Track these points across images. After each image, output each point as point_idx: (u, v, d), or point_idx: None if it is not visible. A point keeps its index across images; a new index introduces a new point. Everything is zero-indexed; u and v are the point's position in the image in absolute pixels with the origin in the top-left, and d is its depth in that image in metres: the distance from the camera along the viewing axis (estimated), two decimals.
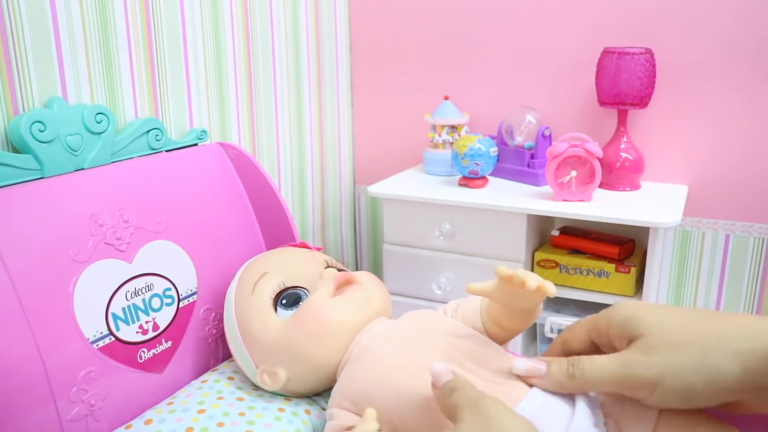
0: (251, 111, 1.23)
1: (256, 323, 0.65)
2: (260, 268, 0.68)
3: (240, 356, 0.68)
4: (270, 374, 0.65)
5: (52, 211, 0.69)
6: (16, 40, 0.76)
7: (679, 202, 1.22)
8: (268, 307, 0.65)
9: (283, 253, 0.72)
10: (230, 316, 0.69)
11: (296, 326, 0.63)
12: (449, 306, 0.66)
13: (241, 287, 0.69)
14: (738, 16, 1.23)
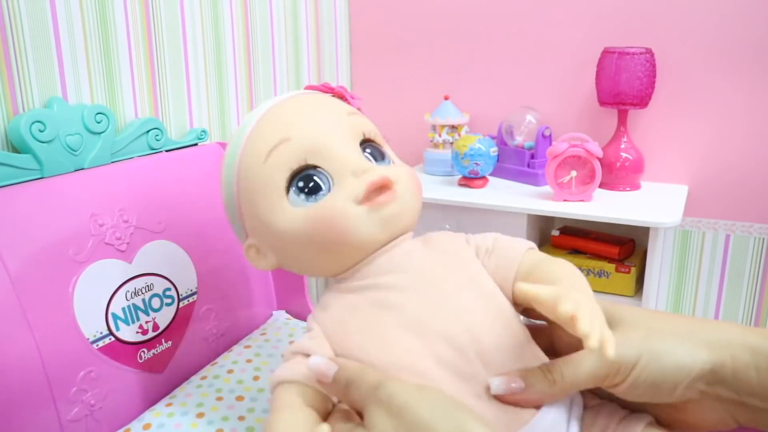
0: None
1: (259, 199, 0.51)
2: (282, 130, 0.50)
3: (232, 216, 0.56)
4: (258, 252, 0.55)
5: (52, 211, 0.69)
6: (16, 40, 0.76)
7: (679, 202, 1.22)
8: (279, 186, 0.50)
9: (310, 108, 0.53)
10: (231, 170, 0.54)
11: (305, 226, 0.49)
12: (484, 243, 0.53)
13: (253, 145, 0.52)
14: (738, 16, 1.23)
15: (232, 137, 0.55)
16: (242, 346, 0.81)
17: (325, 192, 0.49)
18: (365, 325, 0.49)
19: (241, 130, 0.54)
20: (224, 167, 0.55)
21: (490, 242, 0.53)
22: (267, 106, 0.54)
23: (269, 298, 0.96)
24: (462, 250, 0.53)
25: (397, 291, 0.49)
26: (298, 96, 0.54)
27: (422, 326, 0.47)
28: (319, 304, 0.54)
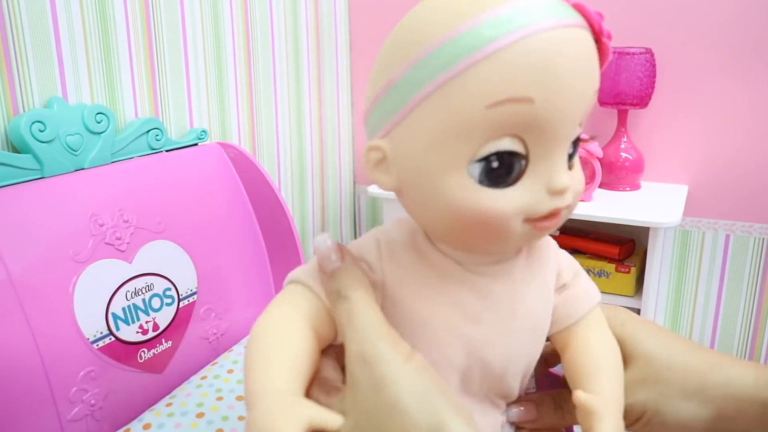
0: (251, 111, 1.23)
1: (445, 138, 0.36)
2: (531, 85, 0.34)
3: (381, 97, 0.38)
4: (383, 164, 0.39)
5: (52, 211, 0.69)
6: (16, 40, 0.76)
7: (679, 202, 1.22)
8: (475, 144, 0.35)
9: (573, 67, 0.35)
10: (439, 57, 0.35)
11: (461, 209, 0.37)
12: (565, 273, 0.47)
13: (490, 73, 0.34)
14: (738, 16, 1.23)
15: (469, 9, 0.35)
16: (242, 345, 0.82)
17: (502, 181, 0.37)
18: (430, 309, 0.42)
19: (481, 28, 0.34)
20: (424, 36, 0.35)
21: (570, 276, 0.48)
22: (533, 19, 0.34)
23: (269, 297, 0.97)
24: (550, 279, 0.47)
25: (477, 298, 0.43)
26: (566, 30, 0.35)
27: (473, 347, 0.43)
28: (389, 247, 0.44)
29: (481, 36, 0.34)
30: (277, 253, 0.96)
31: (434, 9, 0.36)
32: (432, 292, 0.43)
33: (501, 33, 0.34)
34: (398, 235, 0.44)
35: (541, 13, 0.34)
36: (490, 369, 0.45)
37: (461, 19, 0.34)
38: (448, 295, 0.43)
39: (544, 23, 0.34)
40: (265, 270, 0.96)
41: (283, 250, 0.95)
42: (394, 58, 0.37)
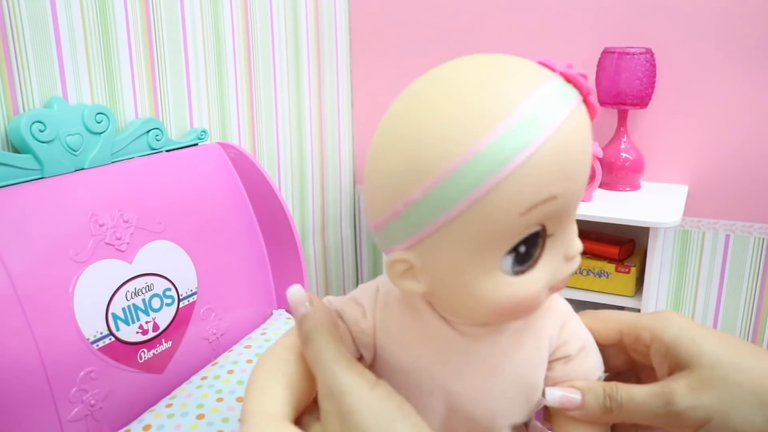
0: (251, 111, 1.23)
1: (481, 247, 0.37)
2: (555, 183, 0.36)
3: (400, 216, 0.38)
4: (410, 273, 0.40)
5: (52, 211, 0.69)
6: (16, 40, 0.76)
7: (679, 202, 1.22)
8: (508, 244, 0.37)
9: (583, 151, 0.37)
10: (469, 175, 0.34)
11: (501, 300, 0.39)
12: (569, 346, 0.47)
13: (521, 183, 0.34)
14: (738, 16, 1.23)
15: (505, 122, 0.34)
16: (242, 346, 0.81)
17: (529, 262, 0.39)
18: (414, 359, 0.44)
19: (500, 143, 0.34)
20: (455, 157, 0.35)
21: (575, 349, 0.47)
22: (545, 121, 0.35)
23: (269, 297, 0.96)
24: (544, 342, 0.47)
25: (461, 355, 0.45)
26: (573, 120, 0.36)
27: (454, 400, 0.45)
28: (385, 298, 0.46)
29: (506, 148, 0.34)
30: (277, 253, 0.96)
31: (447, 120, 0.35)
32: (417, 343, 0.44)
33: (525, 141, 0.34)
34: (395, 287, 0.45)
35: (553, 107, 0.35)
36: (475, 422, 0.45)
37: (483, 131, 0.34)
38: (432, 348, 0.44)
39: (558, 118, 0.35)
40: (265, 270, 0.96)
41: (283, 250, 0.95)
42: (411, 176, 0.36)
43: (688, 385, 0.41)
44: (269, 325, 0.89)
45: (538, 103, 0.35)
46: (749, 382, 0.41)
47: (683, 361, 0.43)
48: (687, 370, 0.42)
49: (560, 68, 0.38)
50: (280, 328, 0.87)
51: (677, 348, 0.43)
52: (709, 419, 0.40)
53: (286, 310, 0.97)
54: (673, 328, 0.44)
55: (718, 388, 0.41)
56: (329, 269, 1.60)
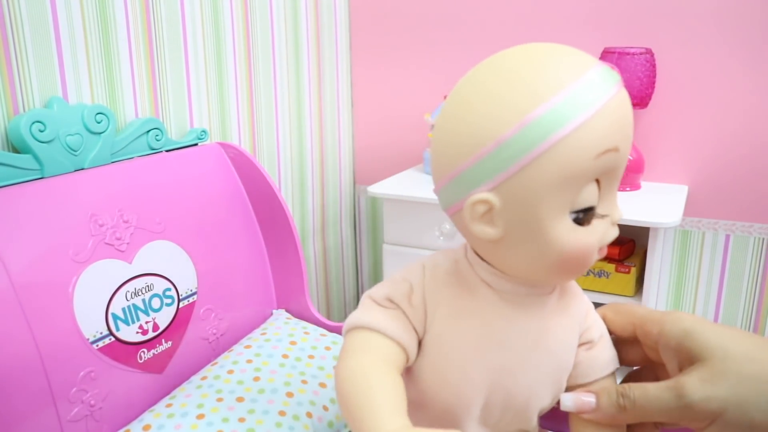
0: (251, 111, 1.23)
1: (558, 191, 0.41)
2: (618, 135, 0.42)
3: (485, 157, 0.41)
4: (488, 216, 0.42)
5: (52, 211, 0.69)
6: (16, 40, 0.76)
7: (679, 202, 1.22)
8: (579, 190, 0.42)
9: (629, 114, 0.43)
10: (550, 121, 0.40)
11: (566, 249, 0.42)
12: (592, 331, 0.51)
13: (594, 130, 0.40)
14: (739, 16, 1.23)
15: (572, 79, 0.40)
16: (242, 345, 0.81)
17: (591, 213, 0.43)
18: (465, 333, 0.47)
19: (581, 95, 0.40)
20: (540, 104, 0.40)
21: (597, 336, 0.51)
22: (604, 86, 0.41)
23: (269, 297, 0.96)
24: (576, 327, 0.51)
25: (506, 324, 0.47)
26: (622, 94, 0.43)
27: (497, 372, 0.47)
28: (433, 272, 0.49)
29: (586, 97, 0.40)
30: (277, 253, 0.96)
31: (539, 69, 0.41)
32: (465, 313, 0.47)
33: (597, 96, 0.40)
34: (443, 261, 0.49)
35: (611, 77, 0.42)
36: (513, 399, 0.48)
37: (569, 82, 0.40)
38: (479, 317, 0.47)
39: (615, 86, 0.42)
40: (265, 270, 0.96)
41: (283, 250, 0.95)
42: (504, 115, 0.40)
43: (699, 378, 0.41)
44: (269, 325, 0.89)
45: (599, 74, 0.41)
46: (759, 372, 0.40)
47: (694, 355, 0.43)
48: (698, 363, 0.42)
49: (603, 62, 0.45)
50: (280, 328, 0.87)
51: (687, 341, 0.44)
52: (723, 411, 0.40)
53: (286, 309, 0.97)
54: (683, 323, 0.45)
55: (731, 379, 0.41)
56: (329, 269, 1.60)
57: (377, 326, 0.46)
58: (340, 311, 1.68)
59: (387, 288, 0.49)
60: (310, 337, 0.84)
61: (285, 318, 0.92)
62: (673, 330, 0.45)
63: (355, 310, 0.49)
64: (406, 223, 1.32)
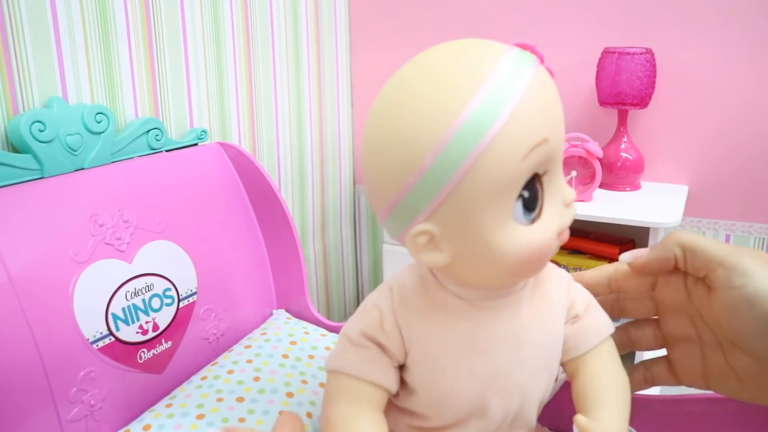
0: (251, 111, 1.23)
1: (491, 200, 0.39)
2: (544, 127, 0.40)
3: (408, 189, 0.40)
4: (431, 243, 0.42)
5: (52, 211, 0.69)
6: (16, 40, 0.76)
7: (679, 202, 1.22)
8: (515, 192, 0.40)
9: (555, 99, 0.42)
10: (462, 140, 0.38)
11: (520, 250, 0.41)
12: (577, 305, 0.51)
13: (514, 133, 0.38)
14: (739, 17, 1.23)
15: (465, 98, 0.38)
16: (242, 346, 0.81)
17: (535, 211, 0.42)
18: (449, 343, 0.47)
19: (491, 98, 0.38)
20: (445, 125, 0.38)
21: (582, 308, 0.51)
22: (516, 79, 0.39)
23: (269, 297, 0.96)
24: (559, 310, 0.50)
25: (484, 331, 0.47)
26: (541, 76, 0.41)
27: (483, 379, 0.47)
28: (400, 293, 0.48)
29: (497, 101, 0.38)
30: (277, 253, 0.96)
31: (440, 88, 0.39)
32: (441, 329, 0.47)
33: (509, 94, 0.38)
34: (409, 280, 0.48)
35: (523, 67, 0.40)
36: (510, 401, 0.48)
37: (473, 91, 0.38)
38: (455, 330, 0.47)
39: (529, 74, 0.39)
40: (265, 270, 0.96)
41: (283, 250, 0.95)
42: (416, 148, 0.38)
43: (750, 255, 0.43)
44: (269, 325, 0.89)
45: (511, 65, 0.39)
46: None
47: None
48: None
49: (516, 42, 0.42)
50: (281, 328, 0.86)
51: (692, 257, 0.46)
52: (737, 266, 0.42)
53: (286, 309, 0.97)
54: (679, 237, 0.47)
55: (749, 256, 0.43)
56: (329, 269, 1.60)
57: (354, 372, 0.47)
58: (340, 311, 1.68)
59: (360, 321, 0.49)
60: (310, 337, 0.84)
61: (285, 318, 0.92)
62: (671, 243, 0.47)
63: (334, 350, 0.49)
64: None
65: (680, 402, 0.62)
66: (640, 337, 0.54)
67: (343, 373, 0.47)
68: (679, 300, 0.49)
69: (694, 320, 0.49)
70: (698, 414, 0.61)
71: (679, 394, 0.62)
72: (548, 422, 0.58)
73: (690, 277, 0.48)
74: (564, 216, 0.43)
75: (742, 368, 0.45)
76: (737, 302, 0.42)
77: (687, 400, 0.61)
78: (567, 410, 0.52)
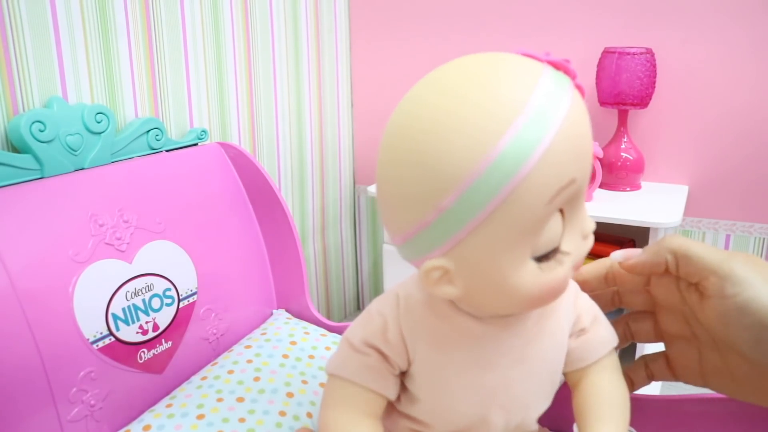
0: (251, 111, 1.23)
1: (514, 240, 0.37)
2: (573, 166, 0.37)
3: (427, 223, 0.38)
4: (445, 278, 0.40)
5: (52, 211, 0.69)
6: (16, 40, 0.76)
7: (679, 202, 1.22)
8: (536, 233, 0.38)
9: (586, 133, 0.38)
10: (495, 176, 0.35)
11: (536, 289, 0.40)
12: (583, 319, 0.50)
13: (544, 174, 0.35)
14: (739, 17, 1.23)
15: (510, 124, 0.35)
16: (243, 346, 0.81)
17: (557, 259, 0.40)
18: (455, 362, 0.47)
19: (522, 139, 0.35)
20: (476, 161, 0.35)
21: (589, 321, 0.51)
22: (549, 114, 0.36)
23: (269, 297, 0.96)
24: (564, 324, 0.50)
25: (490, 346, 0.47)
26: (575, 105, 0.37)
27: (487, 394, 0.47)
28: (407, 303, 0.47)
29: (527, 143, 0.35)
30: (277, 253, 0.96)
31: (463, 127, 0.35)
32: (446, 341, 0.46)
33: (541, 134, 0.35)
34: (416, 290, 0.47)
35: (557, 98, 0.36)
36: (512, 415, 0.48)
37: (501, 132, 0.35)
38: (460, 344, 0.46)
39: (563, 107, 0.36)
40: (265, 270, 0.96)
41: (283, 250, 0.95)
42: (438, 186, 0.36)
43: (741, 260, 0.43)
44: (269, 325, 0.89)
45: (544, 97, 0.36)
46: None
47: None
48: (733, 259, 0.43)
49: (544, 57, 0.39)
50: (281, 328, 0.86)
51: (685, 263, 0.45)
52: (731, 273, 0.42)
53: (286, 309, 0.97)
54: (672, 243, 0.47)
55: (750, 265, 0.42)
56: (329, 269, 1.60)
57: (353, 378, 0.47)
58: (340, 311, 1.68)
59: (363, 329, 0.48)
60: (310, 337, 0.84)
61: (285, 318, 0.92)
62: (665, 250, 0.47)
63: (335, 353, 0.49)
64: None
65: (679, 402, 0.62)
66: (640, 330, 0.54)
67: (342, 378, 0.48)
68: (673, 300, 0.49)
69: (689, 320, 0.49)
70: (698, 414, 0.61)
71: (679, 395, 0.62)
72: (548, 422, 0.58)
73: (682, 281, 0.48)
74: (581, 248, 0.42)
75: (737, 369, 0.45)
76: (730, 311, 0.42)
77: (686, 400, 0.61)
78: (567, 410, 0.52)
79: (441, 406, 0.47)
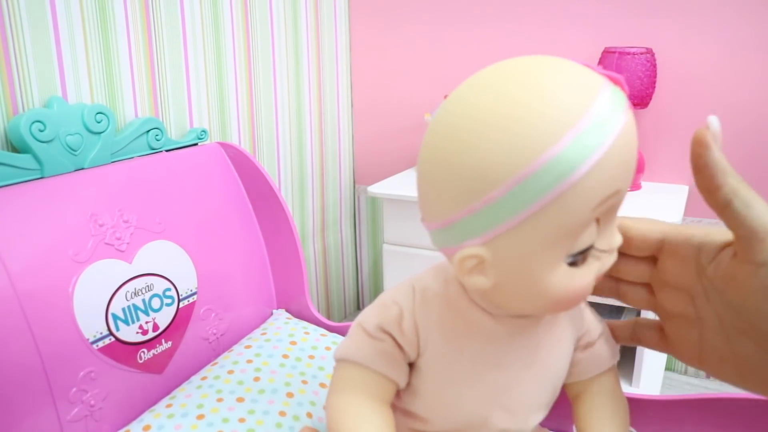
0: (251, 111, 1.23)
1: (555, 240, 0.38)
2: (619, 178, 0.38)
3: (474, 208, 0.38)
4: (478, 268, 0.40)
5: (52, 211, 0.69)
6: (16, 40, 0.76)
7: (679, 202, 1.22)
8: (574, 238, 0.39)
9: (634, 146, 0.39)
10: (553, 173, 0.36)
11: (564, 291, 0.41)
12: (590, 333, 0.52)
13: (596, 181, 0.36)
14: (739, 17, 1.23)
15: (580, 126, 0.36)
16: (243, 346, 0.81)
17: (586, 253, 0.41)
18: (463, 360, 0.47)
19: (580, 143, 0.36)
20: (537, 152, 0.36)
21: (596, 336, 0.52)
22: (609, 124, 0.37)
23: (269, 297, 0.96)
24: (571, 335, 0.50)
25: (501, 345, 0.47)
26: (630, 121, 0.39)
27: (494, 392, 0.48)
28: (423, 295, 0.48)
29: (585, 148, 0.36)
30: (277, 253, 0.96)
31: (527, 122, 0.36)
32: (458, 336, 0.47)
33: (598, 142, 0.36)
34: (433, 283, 0.48)
35: (616, 110, 0.37)
36: (513, 417, 0.48)
37: (562, 134, 0.36)
38: (473, 340, 0.47)
39: (620, 119, 0.37)
40: (265, 270, 0.96)
41: (283, 250, 0.95)
42: (489, 173, 0.36)
43: None
44: (269, 325, 0.89)
45: (606, 105, 0.37)
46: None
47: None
48: None
49: (601, 71, 0.40)
50: (281, 328, 0.86)
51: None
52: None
53: (286, 309, 0.97)
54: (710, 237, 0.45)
55: None
56: (329, 269, 1.60)
57: (367, 362, 0.47)
58: (340, 311, 1.68)
59: (377, 315, 0.48)
60: (310, 337, 0.84)
61: (285, 318, 0.92)
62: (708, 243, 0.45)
63: (346, 338, 0.49)
64: (406, 223, 1.31)
65: (679, 402, 0.62)
66: (630, 293, 0.51)
67: (355, 363, 0.47)
68: (684, 278, 0.47)
69: (696, 300, 0.46)
70: (698, 415, 0.61)
71: (679, 395, 0.62)
72: (548, 422, 0.58)
73: (704, 252, 0.45)
74: (605, 261, 0.42)
75: (744, 356, 0.43)
76: None
77: (686, 400, 0.61)
78: (566, 411, 0.52)
79: (444, 401, 0.47)
